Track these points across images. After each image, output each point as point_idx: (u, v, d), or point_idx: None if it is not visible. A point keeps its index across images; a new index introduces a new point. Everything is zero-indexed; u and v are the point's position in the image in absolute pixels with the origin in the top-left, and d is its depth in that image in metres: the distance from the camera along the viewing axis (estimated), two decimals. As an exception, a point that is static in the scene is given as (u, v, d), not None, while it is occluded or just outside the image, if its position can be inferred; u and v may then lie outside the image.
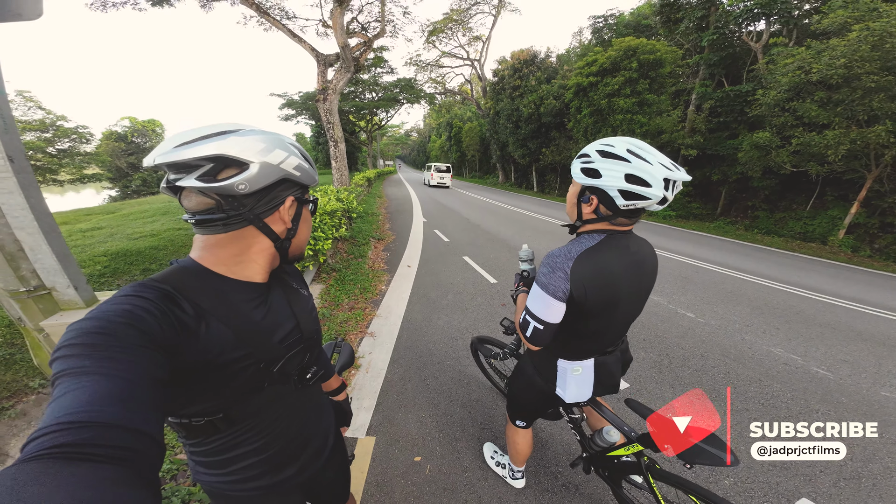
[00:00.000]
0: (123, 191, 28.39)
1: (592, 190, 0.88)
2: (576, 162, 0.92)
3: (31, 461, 0.27)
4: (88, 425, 0.31)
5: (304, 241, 0.71)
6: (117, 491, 0.27)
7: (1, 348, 2.37)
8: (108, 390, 0.34)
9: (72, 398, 0.33)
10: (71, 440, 0.29)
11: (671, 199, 0.82)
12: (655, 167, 0.80)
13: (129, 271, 3.83)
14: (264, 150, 0.56)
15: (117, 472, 0.29)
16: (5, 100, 1.67)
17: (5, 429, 1.91)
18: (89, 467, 0.27)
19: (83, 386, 0.34)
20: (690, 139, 12.40)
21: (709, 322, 3.58)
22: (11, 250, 1.72)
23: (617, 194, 0.83)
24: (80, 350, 0.37)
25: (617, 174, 0.82)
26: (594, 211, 0.91)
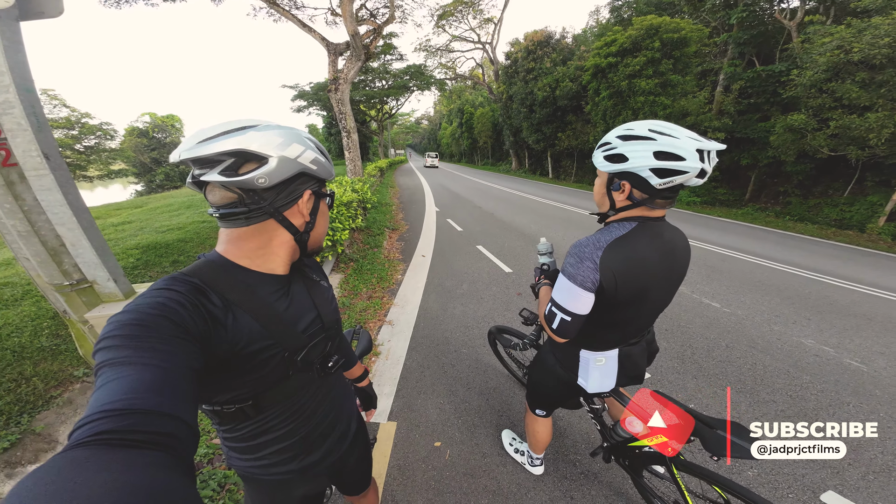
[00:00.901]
0: (148, 185, 29.49)
1: (622, 176, 0.85)
2: (597, 152, 0.90)
3: (77, 447, 0.28)
4: (129, 413, 0.32)
5: (322, 235, 0.72)
6: (156, 475, 0.28)
7: (48, 339, 2.53)
8: (147, 379, 0.36)
9: (113, 387, 0.35)
10: (113, 427, 0.31)
11: (710, 171, 0.79)
12: (684, 140, 0.77)
13: (159, 263, 4.02)
14: (282, 144, 0.57)
15: (156, 457, 0.30)
16: (37, 98, 1.73)
17: (54, 416, 2.07)
18: (131, 453, 0.29)
19: (124, 375, 0.36)
20: (718, 121, 11.72)
21: (735, 312, 3.47)
22: (54, 245, 1.83)
23: (650, 174, 0.80)
24: (120, 342, 0.40)
25: (645, 154, 0.79)
26: (628, 197, 0.88)
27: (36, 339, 2.50)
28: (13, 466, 1.79)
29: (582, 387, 1.13)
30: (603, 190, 0.93)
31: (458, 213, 9.00)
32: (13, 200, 1.67)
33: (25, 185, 1.69)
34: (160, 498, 0.25)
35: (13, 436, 1.87)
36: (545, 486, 1.62)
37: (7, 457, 1.81)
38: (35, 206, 1.73)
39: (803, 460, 1.74)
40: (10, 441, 1.84)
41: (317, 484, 0.83)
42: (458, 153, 49.08)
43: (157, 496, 0.25)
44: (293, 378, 0.66)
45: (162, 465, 0.29)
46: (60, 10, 1.79)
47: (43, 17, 1.77)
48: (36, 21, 1.80)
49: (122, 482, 0.24)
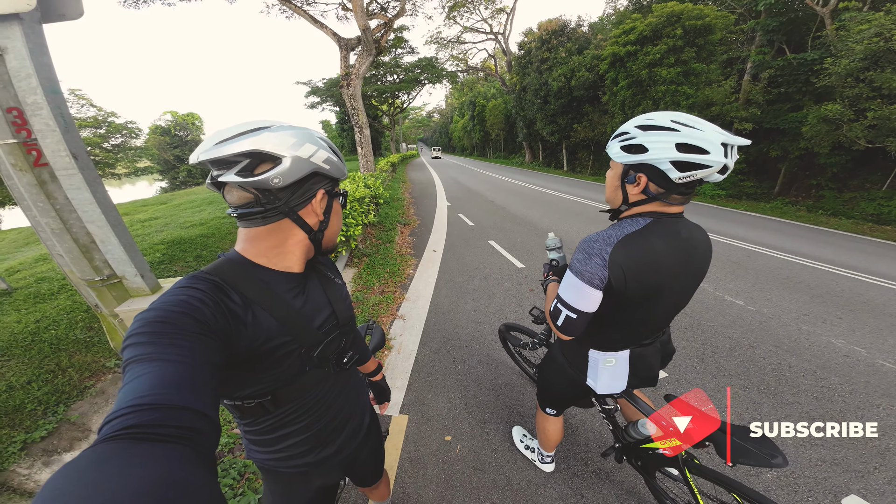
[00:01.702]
0: (172, 182, 30.62)
1: (638, 168, 0.81)
2: (613, 142, 0.85)
3: (106, 442, 0.29)
4: (155, 407, 0.34)
5: (336, 233, 0.73)
6: (181, 468, 0.29)
7: (82, 332, 2.67)
8: (171, 375, 0.38)
9: (140, 383, 0.36)
10: (140, 421, 0.32)
11: (732, 167, 0.75)
12: (709, 132, 0.73)
13: (183, 258, 4.18)
14: (295, 144, 0.58)
15: (181, 451, 0.31)
16: (63, 100, 1.79)
17: (87, 406, 2.18)
18: (156, 447, 0.30)
19: (149, 371, 0.37)
20: (745, 111, 11.13)
21: (760, 310, 3.33)
22: (85, 242, 1.93)
23: (670, 167, 0.75)
24: (146, 338, 0.41)
25: (666, 145, 0.75)
26: (643, 191, 0.83)
27: (71, 331, 2.63)
28: (49, 454, 1.89)
29: (591, 387, 1.11)
30: (616, 182, 0.89)
31: (469, 207, 8.94)
32: (46, 199, 1.76)
33: (57, 185, 1.78)
34: (183, 492, 0.26)
35: (50, 425, 1.97)
36: (556, 483, 1.61)
37: (44, 445, 1.91)
38: (66, 205, 1.82)
39: (827, 462, 1.68)
40: (47, 430, 1.94)
41: (331, 476, 0.85)
42: (470, 146, 48.57)
43: (180, 490, 0.26)
44: (309, 374, 0.67)
45: (185, 458, 0.30)
46: (81, 11, 1.83)
47: (64, 18, 1.81)
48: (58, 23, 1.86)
49: (146, 478, 0.25)
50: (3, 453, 1.79)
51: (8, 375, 2.15)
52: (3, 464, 1.76)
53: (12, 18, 1.53)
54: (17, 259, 5.65)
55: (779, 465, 0.80)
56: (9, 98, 1.61)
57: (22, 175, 1.69)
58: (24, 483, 1.78)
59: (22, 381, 2.13)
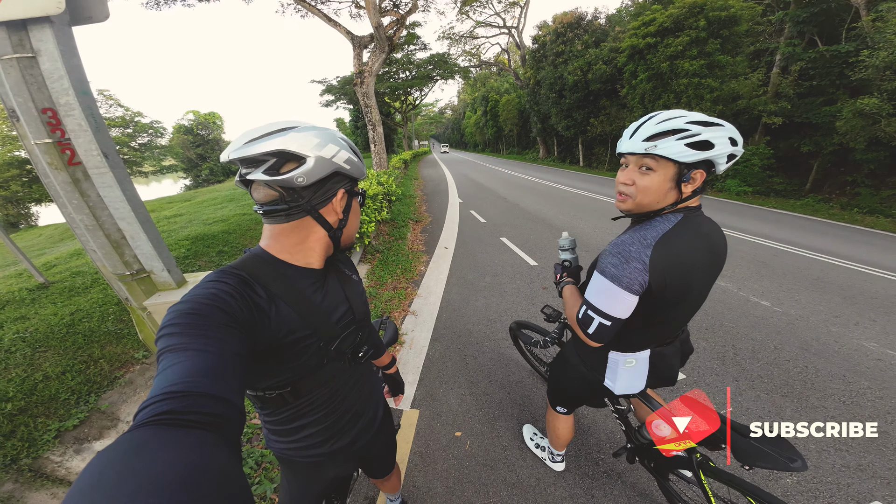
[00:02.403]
0: (195, 180, 31.74)
1: (697, 165, 0.79)
2: (671, 141, 0.77)
3: (142, 427, 0.31)
4: (186, 395, 0.35)
5: (354, 231, 0.75)
6: (210, 454, 0.30)
7: (112, 324, 2.80)
8: (202, 364, 0.40)
9: (173, 371, 0.38)
10: (172, 408, 0.34)
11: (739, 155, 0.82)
12: (727, 126, 0.79)
13: (206, 253, 4.35)
14: (319, 144, 0.60)
15: (210, 437, 0.32)
16: (93, 100, 1.86)
17: (116, 395, 2.29)
18: (188, 433, 0.32)
19: (181, 360, 0.40)
20: (774, 105, 10.58)
21: (787, 312, 3.18)
22: (116, 238, 2.03)
23: (724, 161, 0.79)
24: (178, 329, 0.44)
25: (724, 139, 0.78)
26: (695, 188, 0.83)
27: (103, 323, 2.77)
28: (81, 442, 1.98)
29: (609, 388, 1.10)
30: (668, 185, 0.81)
31: (481, 204, 8.89)
32: (80, 197, 1.86)
33: (89, 183, 1.87)
34: (212, 477, 0.27)
35: (82, 413, 2.06)
36: (566, 482, 1.60)
37: (76, 433, 2.00)
38: (99, 202, 1.92)
39: (851, 468, 1.61)
40: (79, 419, 2.03)
41: (345, 467, 0.88)
42: (483, 142, 48.16)
43: (207, 475, 0.27)
44: (327, 367, 0.70)
45: (214, 444, 0.32)
46: (107, 14, 1.89)
47: (91, 21, 1.86)
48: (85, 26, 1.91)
49: (179, 462, 0.27)
50: (38, 441, 1.88)
51: (45, 366, 2.27)
52: (39, 451, 1.85)
53: (43, 21, 1.60)
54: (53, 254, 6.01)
55: (798, 468, 0.77)
56: (43, 99, 1.69)
57: (57, 173, 1.79)
58: (56, 470, 1.85)
59: (57, 371, 2.25)
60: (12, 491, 1.71)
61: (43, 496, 1.74)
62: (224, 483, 0.28)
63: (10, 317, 2.79)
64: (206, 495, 0.25)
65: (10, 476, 1.74)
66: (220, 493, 0.27)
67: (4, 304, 3.04)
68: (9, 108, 1.74)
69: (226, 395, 0.38)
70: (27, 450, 1.84)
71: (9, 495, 1.69)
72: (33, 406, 2.02)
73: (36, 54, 1.63)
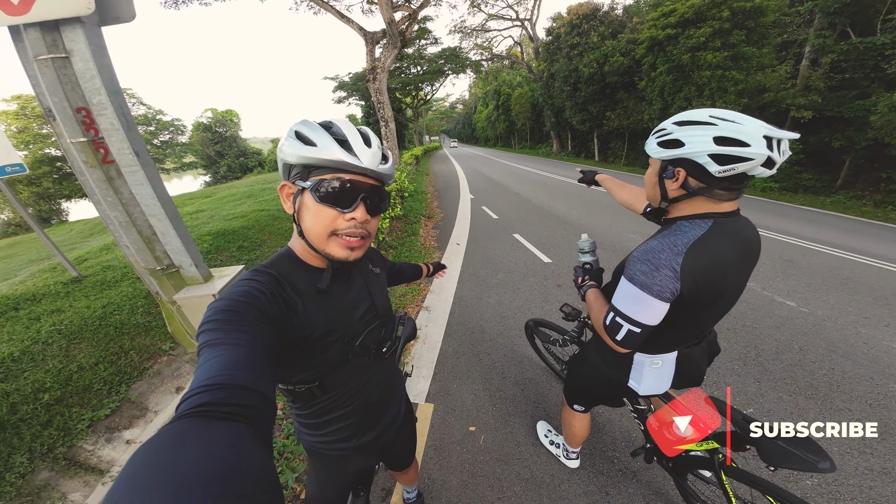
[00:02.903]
0: (214, 176, 32.61)
1: (676, 162, 0.79)
2: (650, 139, 0.85)
3: (183, 418, 0.33)
4: (223, 387, 0.38)
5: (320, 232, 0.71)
6: (245, 444, 0.32)
7: (142, 317, 2.91)
8: (238, 358, 0.42)
9: (211, 365, 0.41)
10: (210, 399, 0.36)
11: (781, 161, 0.71)
12: (749, 125, 0.71)
13: (227, 248, 4.49)
14: (282, 145, 0.61)
15: (245, 429, 0.34)
16: (124, 100, 1.92)
17: (145, 386, 2.39)
18: (224, 425, 0.33)
19: (219, 354, 0.42)
20: (804, 98, 10.08)
21: (814, 312, 3.06)
22: (147, 234, 2.11)
23: (708, 160, 0.73)
24: (216, 325, 0.47)
25: (703, 138, 0.74)
26: (682, 185, 0.81)
27: (133, 316, 2.88)
28: (111, 432, 2.07)
29: (633, 388, 1.09)
30: (655, 179, 0.87)
31: (493, 199, 8.83)
32: (114, 194, 1.94)
33: (122, 181, 1.95)
34: (246, 470, 0.29)
35: (114, 403, 2.15)
36: (580, 479, 1.60)
37: (108, 422, 2.09)
38: (131, 199, 2.00)
39: (875, 471, 1.57)
40: (111, 408, 2.13)
41: (369, 460, 0.91)
42: (494, 137, 47.61)
43: (243, 468, 0.29)
44: (352, 362, 0.72)
45: (249, 435, 0.34)
46: (133, 14, 1.93)
47: (119, 21, 1.91)
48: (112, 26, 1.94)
49: (215, 456, 0.29)
50: (73, 430, 1.97)
51: (79, 357, 2.38)
52: (73, 440, 1.93)
53: (74, 22, 1.65)
54: (84, 249, 6.31)
55: (826, 469, 0.75)
56: (77, 98, 1.76)
57: (92, 171, 1.87)
58: (88, 458, 1.92)
59: (91, 363, 2.35)
60: (48, 479, 1.79)
61: (76, 483, 1.82)
62: (257, 475, 0.29)
63: (46, 309, 2.92)
64: (240, 488, 0.27)
65: (47, 464, 1.83)
66: (252, 485, 0.28)
67: (41, 297, 3.18)
68: (45, 108, 1.82)
69: (259, 387, 0.41)
70: (62, 438, 1.92)
71: (45, 483, 1.77)
72: (68, 396, 2.11)
73: (69, 54, 1.69)
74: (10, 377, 2.12)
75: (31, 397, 2.02)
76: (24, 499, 1.71)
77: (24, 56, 1.73)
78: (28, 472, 1.78)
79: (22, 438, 1.86)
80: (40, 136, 18.56)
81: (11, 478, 1.72)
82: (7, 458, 1.78)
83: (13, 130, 17.92)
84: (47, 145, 18.75)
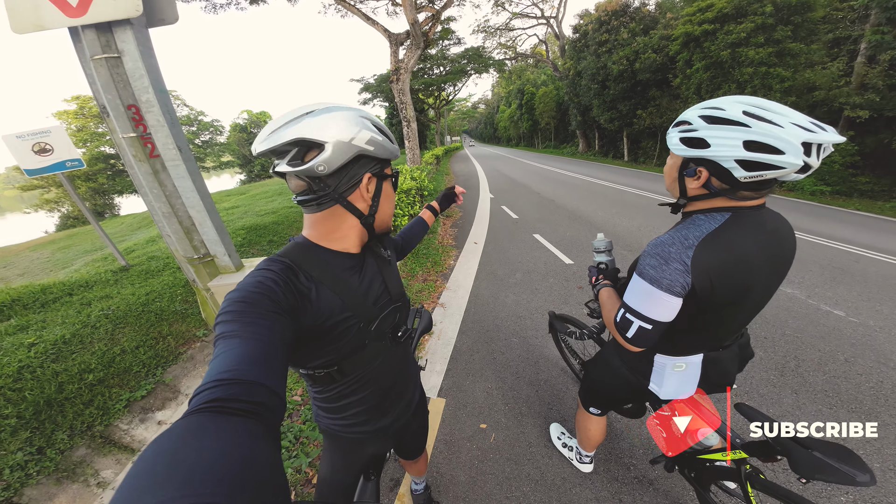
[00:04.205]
0: (249, 175, 34.33)
1: (699, 161, 0.74)
2: (672, 131, 0.78)
3: (194, 414, 0.34)
4: (235, 382, 0.38)
5: (388, 216, 0.74)
6: (254, 442, 0.32)
7: (180, 304, 3.11)
8: (250, 352, 0.43)
9: (224, 358, 0.41)
10: (221, 395, 0.36)
11: (817, 166, 0.64)
12: (788, 129, 0.63)
13: (259, 242, 4.74)
14: (336, 128, 0.57)
15: (254, 426, 0.35)
16: (169, 98, 2.05)
17: (179, 370, 2.53)
18: (233, 421, 0.34)
19: (232, 347, 0.43)
20: (859, 97, 9.19)
21: (865, 322, 2.80)
22: (187, 225, 2.28)
23: (735, 165, 0.68)
24: (231, 317, 0.47)
25: (732, 142, 0.67)
26: (704, 185, 0.76)
27: (172, 304, 3.07)
28: (146, 412, 2.18)
29: (654, 392, 1.04)
30: (675, 174, 0.81)
31: (514, 199, 8.72)
32: (158, 186, 2.11)
33: (166, 174, 2.11)
34: (254, 465, 0.30)
35: (150, 385, 2.28)
36: (593, 484, 1.56)
37: (143, 403, 2.21)
38: (174, 192, 2.16)
39: None
40: (147, 390, 2.25)
41: (384, 445, 0.92)
42: (517, 136, 46.91)
43: (252, 466, 0.30)
44: (369, 347, 0.72)
45: (258, 433, 0.34)
46: (176, 16, 2.06)
47: (164, 23, 2.04)
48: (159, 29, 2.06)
49: (224, 454, 0.29)
50: (111, 410, 2.08)
51: (123, 341, 2.56)
52: (111, 419, 2.04)
53: (125, 24, 1.79)
54: (132, 240, 6.87)
55: (865, 483, 0.69)
56: (128, 96, 1.92)
57: (140, 165, 2.04)
58: (122, 437, 2.02)
59: (132, 346, 2.52)
60: (84, 456, 1.89)
61: (109, 461, 1.91)
62: (264, 472, 0.30)
63: (97, 295, 3.18)
64: (247, 485, 0.27)
65: (85, 441, 1.93)
66: (260, 482, 0.29)
67: (93, 284, 3.46)
68: (100, 105, 2.00)
69: (269, 384, 0.41)
70: (101, 417, 2.04)
71: (81, 459, 1.87)
72: (110, 377, 2.25)
73: (120, 54, 1.84)
74: (61, 358, 2.27)
75: (76, 377, 2.17)
76: (61, 474, 1.79)
77: (83, 56, 1.90)
78: (67, 449, 1.87)
79: (65, 416, 1.98)
80: (96, 135, 20.33)
81: (52, 453, 1.82)
82: (50, 435, 1.89)
83: (73, 129, 19.71)
84: (102, 143, 20.52)
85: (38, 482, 1.74)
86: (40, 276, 7.27)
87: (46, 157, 3.21)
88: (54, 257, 9.32)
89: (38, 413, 1.94)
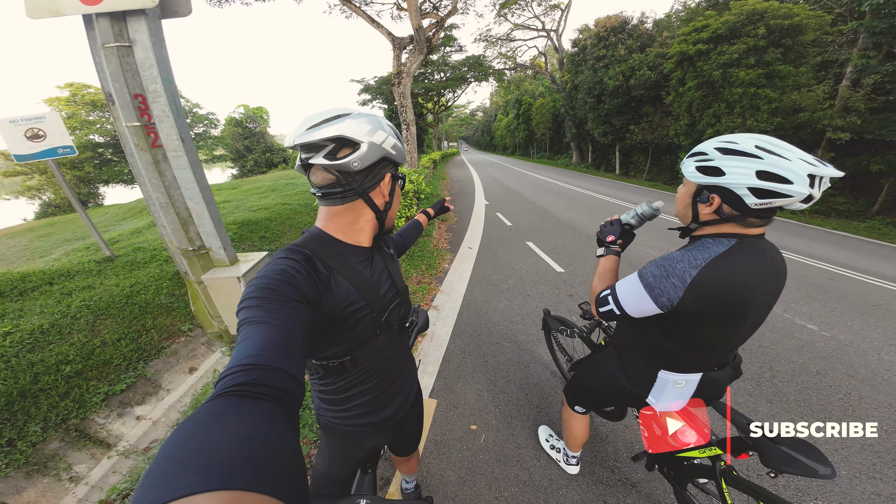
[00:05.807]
0: (241, 169, 33.75)
1: (712, 189, 0.80)
2: (688, 161, 0.84)
3: (220, 397, 0.35)
4: (258, 367, 0.40)
5: (395, 214, 0.80)
6: (275, 426, 0.33)
7: (165, 297, 3.02)
8: (273, 338, 0.44)
9: (248, 343, 0.43)
10: (245, 380, 0.38)
11: (818, 197, 0.72)
12: (795, 162, 0.70)
13: (250, 238, 4.69)
14: (371, 131, 0.65)
15: (275, 410, 0.36)
16: (176, 90, 2.04)
17: (161, 364, 2.45)
18: (259, 405, 0.35)
19: (256, 333, 0.45)
20: (842, 120, 9.68)
21: (836, 337, 2.95)
22: (184, 216, 2.25)
23: (747, 192, 0.74)
24: (255, 302, 0.49)
25: (745, 171, 0.73)
26: (716, 211, 0.82)
27: (157, 296, 2.99)
28: (124, 406, 2.10)
29: (650, 404, 1.10)
30: (688, 200, 0.87)
31: (508, 207, 8.83)
32: (158, 176, 2.09)
33: (167, 164, 2.10)
34: (275, 450, 0.31)
35: (130, 379, 2.20)
36: (579, 486, 1.60)
37: (122, 397, 2.13)
38: (173, 182, 2.14)
39: (883, 497, 1.52)
40: (126, 384, 2.17)
41: (381, 438, 0.95)
42: (513, 146, 47.58)
43: (273, 449, 0.31)
44: (380, 336, 0.76)
45: (279, 416, 0.35)
46: (190, 9, 2.05)
47: (177, 15, 2.05)
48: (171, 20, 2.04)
49: (247, 438, 0.30)
50: (88, 403, 2.00)
51: (103, 332, 2.47)
52: (87, 413, 1.96)
53: (139, 14, 1.80)
54: (117, 231, 6.69)
55: (826, 476, 0.77)
56: (136, 86, 1.91)
57: (142, 154, 2.03)
58: (98, 432, 1.94)
59: (113, 339, 2.44)
60: (57, 449, 1.82)
61: (83, 455, 1.84)
62: (285, 457, 0.31)
63: (78, 286, 3.05)
64: (268, 470, 0.28)
65: (58, 435, 1.86)
66: (280, 466, 0.29)
67: (75, 273, 3.33)
68: (106, 93, 1.98)
69: (291, 370, 0.43)
70: (77, 410, 1.96)
71: (53, 453, 1.80)
72: (88, 369, 2.17)
73: (132, 44, 1.84)
74: (37, 348, 2.18)
75: (53, 368, 2.08)
76: (31, 467, 1.72)
77: (94, 43, 1.89)
78: (39, 442, 1.80)
79: (39, 408, 1.90)
80: (87, 123, 19.82)
81: (23, 446, 1.75)
82: (22, 427, 1.81)
83: (63, 116, 19.20)
84: (92, 131, 20.00)
85: (5, 475, 1.66)
86: (17, 263, 7.00)
87: (38, 143, 3.15)
88: (32, 245, 8.99)
89: (11, 404, 1.86)
